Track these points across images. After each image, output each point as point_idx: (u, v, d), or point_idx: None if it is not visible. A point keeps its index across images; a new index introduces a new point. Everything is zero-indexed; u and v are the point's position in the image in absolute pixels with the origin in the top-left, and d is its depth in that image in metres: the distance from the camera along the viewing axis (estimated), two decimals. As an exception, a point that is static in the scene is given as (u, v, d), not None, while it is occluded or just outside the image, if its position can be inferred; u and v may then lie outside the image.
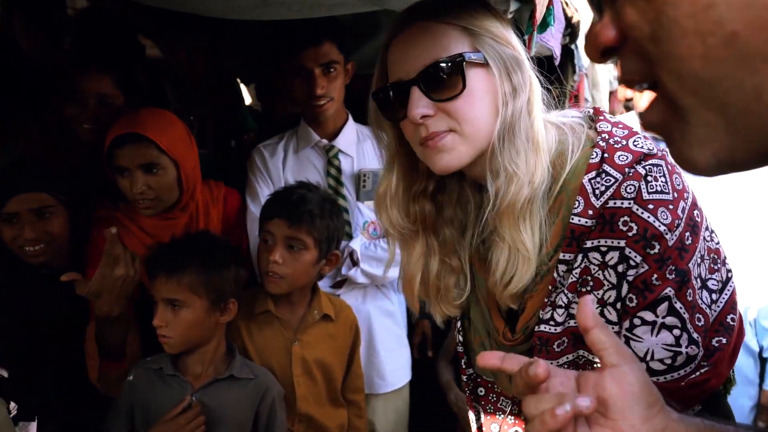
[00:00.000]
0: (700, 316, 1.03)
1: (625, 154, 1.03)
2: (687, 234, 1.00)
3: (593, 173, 1.04)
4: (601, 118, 1.12)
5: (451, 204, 1.22)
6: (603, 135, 1.07)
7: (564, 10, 2.22)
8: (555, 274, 1.07)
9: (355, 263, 2.18)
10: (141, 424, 1.75)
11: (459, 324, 1.36)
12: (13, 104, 2.24)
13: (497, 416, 1.31)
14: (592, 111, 1.18)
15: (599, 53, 0.56)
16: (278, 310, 1.96)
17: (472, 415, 1.37)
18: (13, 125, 2.21)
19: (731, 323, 1.10)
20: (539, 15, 1.55)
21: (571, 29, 2.30)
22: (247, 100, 3.79)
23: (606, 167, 1.03)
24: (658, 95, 0.55)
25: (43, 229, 1.90)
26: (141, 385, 1.77)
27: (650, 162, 1.01)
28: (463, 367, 1.37)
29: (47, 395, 1.86)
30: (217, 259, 1.79)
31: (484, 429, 1.34)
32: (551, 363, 1.03)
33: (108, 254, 1.68)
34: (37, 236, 1.88)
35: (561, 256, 1.06)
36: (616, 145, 1.05)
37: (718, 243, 1.10)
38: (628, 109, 2.95)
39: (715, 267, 1.07)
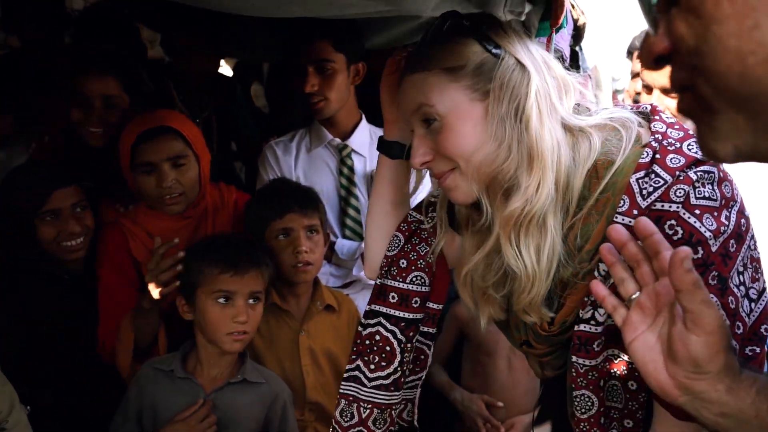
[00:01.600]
0: (740, 324, 1.02)
1: (678, 157, 1.02)
2: (732, 241, 0.99)
3: (642, 173, 1.02)
4: (657, 117, 1.10)
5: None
6: (656, 135, 1.05)
7: (570, 12, 2.23)
8: (596, 273, 1.05)
9: (366, 264, 2.18)
10: (149, 426, 1.73)
11: None
12: (23, 108, 2.23)
13: None
14: (648, 108, 1.16)
15: (652, 61, 0.60)
16: (283, 303, 1.99)
17: None
18: (23, 130, 2.19)
19: (764, 333, 1.08)
20: (561, 16, 1.55)
21: (576, 31, 2.31)
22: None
23: (656, 168, 1.01)
24: (692, 93, 0.58)
25: (83, 222, 1.90)
26: (149, 386, 1.75)
27: (702, 168, 1.00)
28: None
29: (52, 395, 1.85)
30: (268, 255, 1.84)
31: None
32: (589, 362, 1.08)
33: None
34: (81, 229, 1.89)
35: None
36: (669, 147, 1.03)
37: (758, 253, 1.08)
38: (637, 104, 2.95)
39: (757, 276, 1.06)
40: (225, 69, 3.60)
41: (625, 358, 1.06)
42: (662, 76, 2.06)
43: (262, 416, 1.78)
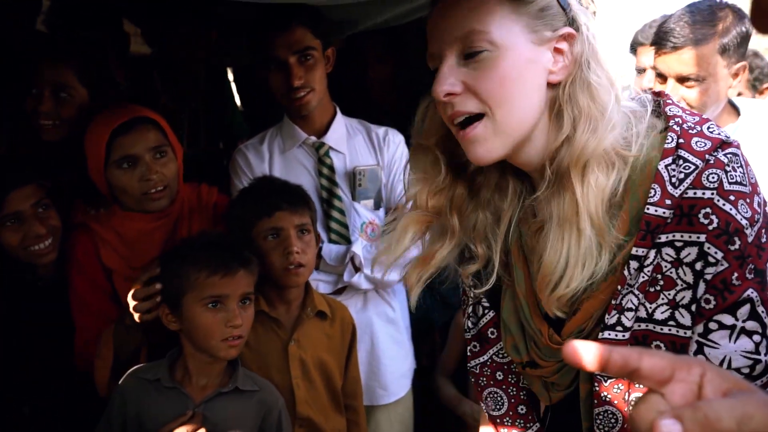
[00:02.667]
0: None
1: (703, 140, 0.94)
2: (763, 231, 0.93)
3: (669, 159, 0.94)
4: (669, 101, 1.03)
5: (489, 187, 1.12)
6: (676, 119, 0.97)
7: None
8: (626, 272, 0.96)
9: (357, 269, 2.05)
10: (135, 437, 1.61)
11: (470, 310, 1.26)
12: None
13: (521, 396, 1.25)
14: (651, 95, 1.07)
15: None
16: (272, 310, 1.86)
17: (491, 403, 1.27)
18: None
19: None
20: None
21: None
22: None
23: (683, 153, 0.94)
24: None
25: (48, 222, 1.78)
26: (133, 396, 1.62)
27: (729, 150, 0.93)
28: (474, 352, 1.27)
29: (28, 407, 1.77)
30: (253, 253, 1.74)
31: (511, 413, 1.25)
32: None
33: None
34: (46, 231, 1.77)
35: (633, 251, 0.95)
36: (690, 130, 0.96)
37: None
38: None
39: None
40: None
41: None
42: (678, 64, 2.00)
43: (256, 427, 1.66)
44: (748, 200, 0.92)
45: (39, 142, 2.00)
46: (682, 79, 2.00)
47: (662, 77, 2.07)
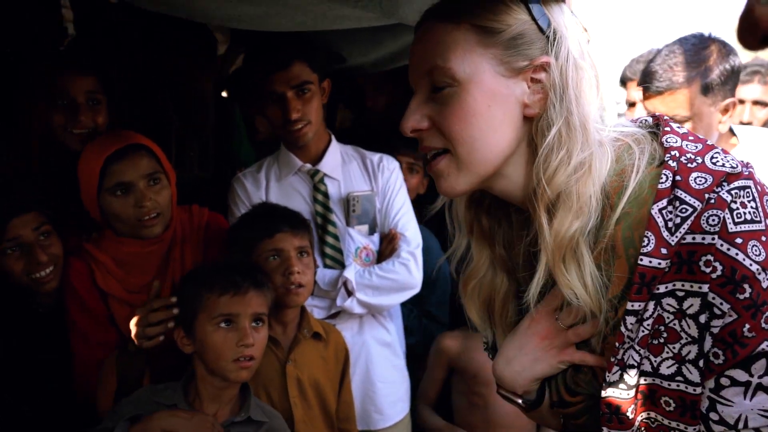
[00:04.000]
0: None
1: (703, 175, 0.85)
2: None
3: (664, 201, 0.86)
4: (668, 129, 0.95)
5: (502, 220, 1.09)
6: (672, 152, 0.89)
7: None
8: (623, 328, 0.88)
9: (350, 293, 2.07)
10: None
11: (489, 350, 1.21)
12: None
13: None
14: (651, 120, 1.01)
15: (761, 38, 0.49)
16: (270, 330, 1.85)
17: None
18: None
19: None
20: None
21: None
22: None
23: (680, 193, 0.85)
24: None
25: (50, 250, 1.77)
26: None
27: (735, 184, 0.84)
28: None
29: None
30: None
31: None
32: None
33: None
34: (48, 259, 1.75)
35: (629, 305, 0.87)
36: (690, 164, 0.87)
37: None
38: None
39: None
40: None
41: (666, 422, 0.90)
42: (662, 105, 2.03)
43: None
44: (763, 239, 0.82)
45: (32, 162, 2.00)
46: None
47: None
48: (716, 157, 0.88)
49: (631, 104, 2.95)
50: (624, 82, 3.02)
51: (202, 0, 1.56)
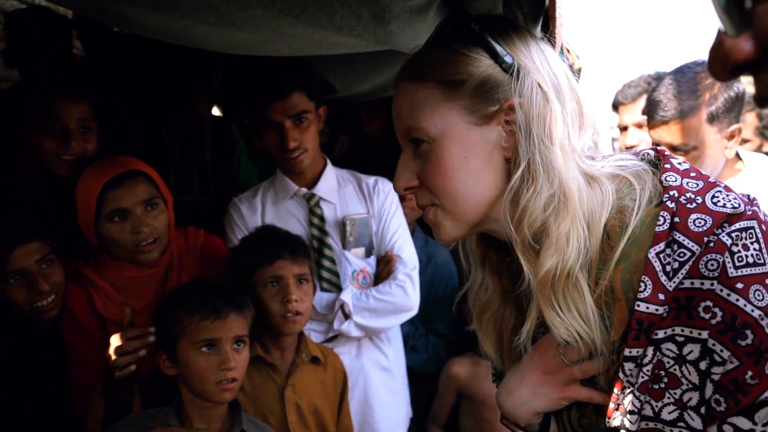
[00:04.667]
0: None
1: (703, 216, 0.83)
2: None
3: (662, 245, 0.83)
4: (668, 166, 0.92)
5: (506, 256, 1.06)
6: (671, 192, 0.87)
7: (566, 56, 2.22)
8: (621, 374, 0.87)
9: (347, 316, 2.08)
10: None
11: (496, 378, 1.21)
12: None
13: None
14: (653, 154, 0.98)
15: (729, 70, 0.50)
16: (268, 355, 1.89)
17: None
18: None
19: None
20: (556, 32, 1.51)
21: (572, 75, 2.30)
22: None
23: (678, 236, 0.82)
24: None
25: (52, 279, 1.77)
26: None
27: (737, 226, 0.81)
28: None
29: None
30: (249, 297, 1.75)
31: None
32: None
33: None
34: (50, 288, 1.76)
35: (627, 352, 0.85)
36: (689, 205, 0.84)
37: None
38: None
39: None
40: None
41: None
42: (667, 135, 2.03)
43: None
44: (767, 281, 0.78)
45: (41, 186, 2.02)
46: (673, 149, 2.02)
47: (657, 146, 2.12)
48: (717, 197, 0.85)
49: (623, 128, 2.98)
50: (616, 106, 3.05)
51: (200, 29, 1.57)
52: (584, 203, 0.90)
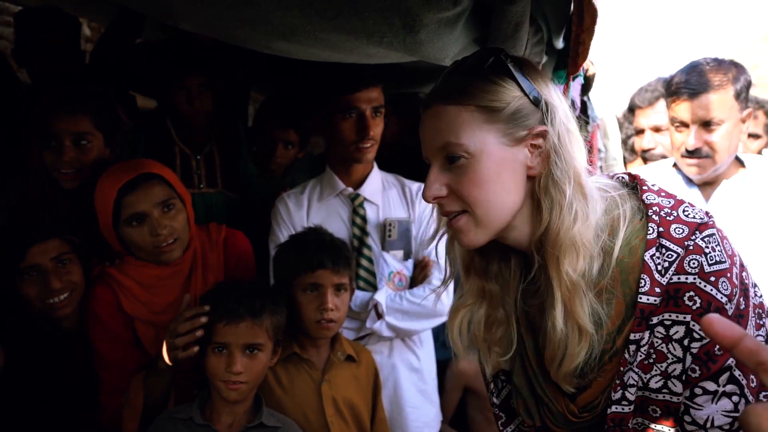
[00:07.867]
0: (753, 377, 1.03)
1: (681, 226, 1.05)
2: (741, 299, 1.03)
3: (653, 249, 1.05)
4: (645, 188, 1.13)
5: (495, 260, 1.24)
6: (653, 208, 1.08)
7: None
8: (627, 355, 1.07)
9: (380, 316, 2.12)
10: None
11: (493, 386, 1.34)
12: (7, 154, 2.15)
13: None
14: (627, 178, 1.19)
15: None
16: (304, 351, 1.94)
17: None
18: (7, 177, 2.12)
19: None
20: (582, 64, 1.59)
21: (585, 81, 2.36)
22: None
23: (664, 242, 1.05)
24: None
25: (66, 277, 1.82)
26: None
27: (706, 233, 1.04)
28: (503, 422, 1.34)
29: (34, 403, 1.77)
30: (278, 303, 1.79)
31: None
32: None
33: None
34: (63, 286, 1.80)
35: (631, 336, 1.06)
36: (668, 218, 1.07)
37: (761, 297, 1.12)
38: (645, 160, 2.98)
39: (761, 322, 1.09)
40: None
41: (652, 426, 1.09)
42: (699, 109, 2.07)
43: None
44: (728, 275, 1.02)
45: (53, 194, 2.06)
46: (705, 124, 2.08)
47: (684, 125, 2.14)
48: (687, 210, 1.08)
49: (640, 131, 3.02)
50: (632, 109, 3.08)
51: (242, 30, 1.60)
52: (597, 214, 1.09)
